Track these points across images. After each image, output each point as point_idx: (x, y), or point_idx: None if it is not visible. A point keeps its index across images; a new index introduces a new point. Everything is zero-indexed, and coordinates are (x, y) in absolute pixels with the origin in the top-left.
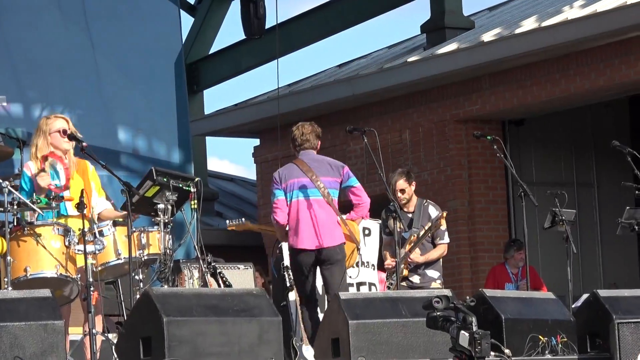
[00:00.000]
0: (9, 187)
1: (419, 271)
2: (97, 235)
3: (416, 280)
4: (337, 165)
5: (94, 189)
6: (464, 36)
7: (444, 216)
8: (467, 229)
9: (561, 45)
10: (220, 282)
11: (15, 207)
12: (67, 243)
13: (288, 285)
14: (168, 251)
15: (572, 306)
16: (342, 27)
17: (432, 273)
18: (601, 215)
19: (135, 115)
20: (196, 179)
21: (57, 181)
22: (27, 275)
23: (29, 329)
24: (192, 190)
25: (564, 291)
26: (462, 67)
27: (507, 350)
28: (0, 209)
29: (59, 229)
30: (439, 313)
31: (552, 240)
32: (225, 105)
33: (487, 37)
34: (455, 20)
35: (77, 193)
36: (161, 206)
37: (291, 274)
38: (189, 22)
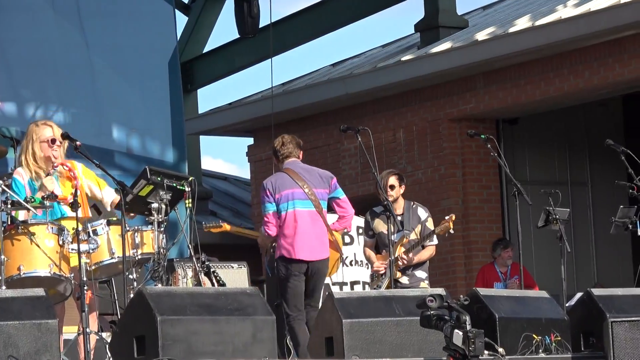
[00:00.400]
0: (2, 186)
1: (408, 272)
2: (91, 234)
3: (405, 281)
4: (326, 176)
5: (93, 184)
6: (457, 35)
7: (452, 218)
8: (461, 227)
9: (555, 44)
10: (214, 281)
11: (9, 206)
12: (61, 242)
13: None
14: (162, 250)
15: (566, 305)
16: (336, 26)
17: (420, 274)
18: (595, 214)
19: (129, 114)
20: (190, 178)
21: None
22: (21, 274)
23: (23, 328)
24: (186, 189)
25: (558, 290)
26: (456, 66)
27: (500, 349)
28: None
29: (52, 227)
30: (432, 312)
31: (546, 239)
32: (219, 104)
33: (481, 36)
34: (449, 20)
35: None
36: (155, 205)
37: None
38: (183, 21)
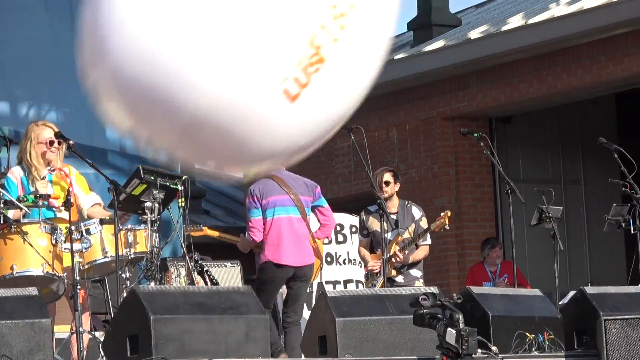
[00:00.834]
0: None
1: (402, 271)
2: (84, 233)
3: (399, 279)
4: (311, 185)
5: (81, 190)
6: (450, 33)
7: (448, 214)
8: (454, 226)
9: (548, 42)
10: (207, 280)
11: (1, 205)
12: (54, 241)
13: None
14: (155, 249)
15: (559, 303)
16: None
17: (415, 272)
18: (588, 212)
19: None
20: (183, 177)
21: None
22: (14, 273)
23: (16, 328)
24: (180, 188)
25: (551, 288)
26: (449, 65)
27: (494, 348)
28: None
29: (45, 227)
30: (425, 310)
31: (539, 237)
32: None
33: (474, 34)
34: (442, 18)
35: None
36: (148, 204)
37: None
38: None
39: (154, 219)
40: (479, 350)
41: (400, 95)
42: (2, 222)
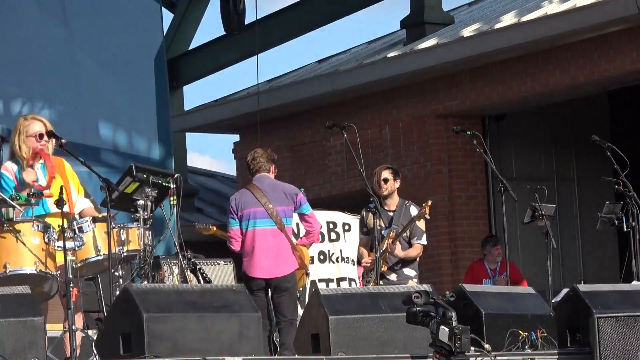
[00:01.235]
0: None
1: (396, 269)
2: (77, 231)
3: (393, 278)
4: (291, 193)
5: (73, 187)
6: (443, 31)
7: (428, 205)
8: (447, 224)
9: (541, 40)
10: (200, 278)
11: None
12: (46, 239)
13: None
14: (148, 247)
15: (552, 301)
16: (322, 22)
17: (409, 272)
18: (581, 210)
19: (115, 111)
20: (176, 175)
21: (41, 180)
22: (7, 271)
23: (9, 326)
24: (172, 186)
25: (544, 286)
26: (442, 63)
27: (487, 345)
28: None
29: (38, 225)
30: (418, 308)
31: (532, 235)
32: (205, 101)
33: (467, 32)
34: (435, 16)
35: (57, 190)
36: (141, 202)
37: None
38: (168, 18)
39: (146, 217)
40: (472, 348)
41: (393, 93)
42: None
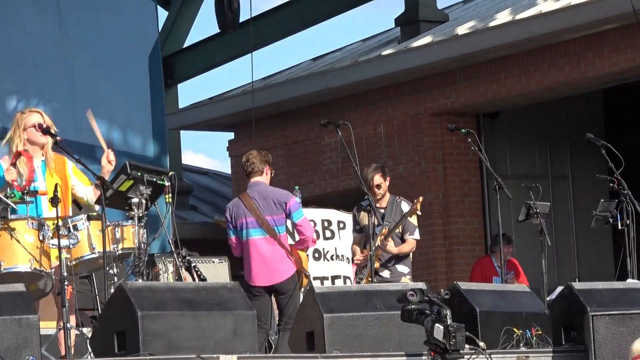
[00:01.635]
0: None
1: (389, 266)
2: (71, 229)
3: (386, 275)
4: (281, 201)
5: (80, 181)
6: (438, 29)
7: (420, 201)
8: (442, 222)
9: (535, 38)
10: (194, 276)
11: None
12: (41, 237)
13: None
14: (142, 245)
15: (547, 299)
16: (317, 20)
17: (402, 268)
18: (576, 208)
19: (110, 109)
20: (170, 173)
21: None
22: (1, 269)
23: (3, 324)
24: (167, 184)
25: (539, 284)
26: (437, 60)
27: (481, 343)
28: None
29: (33, 223)
30: (413, 306)
31: (527, 233)
32: (199, 99)
33: (462, 30)
34: (430, 14)
35: (52, 188)
36: (135, 200)
37: None
38: (163, 15)
39: (141, 214)
40: (467, 346)
41: (388, 91)
42: None
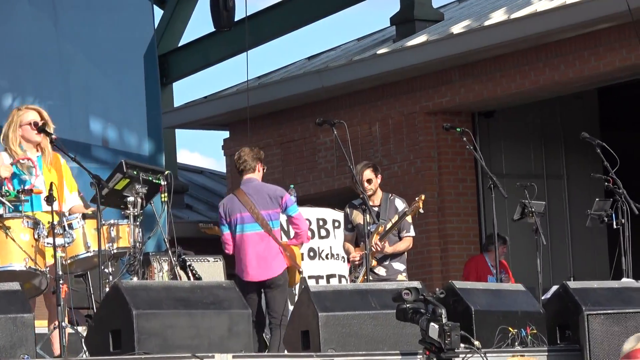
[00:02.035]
0: None
1: (385, 263)
2: (67, 228)
3: (382, 272)
4: (276, 195)
5: (66, 186)
6: (433, 28)
7: (422, 199)
8: (437, 221)
9: (530, 37)
10: (189, 274)
11: None
12: (36, 236)
13: None
14: (138, 244)
15: (542, 298)
16: (312, 19)
17: (398, 266)
18: (571, 207)
19: (106, 107)
20: (166, 172)
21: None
22: None
23: None
24: (162, 183)
25: (534, 283)
26: (432, 59)
27: (476, 342)
28: None
29: (28, 221)
30: (408, 305)
31: (522, 232)
32: (194, 97)
33: (457, 29)
34: (425, 13)
35: (48, 186)
36: (131, 199)
37: None
38: (158, 14)
39: (136, 213)
40: (462, 345)
41: (383, 90)
42: None
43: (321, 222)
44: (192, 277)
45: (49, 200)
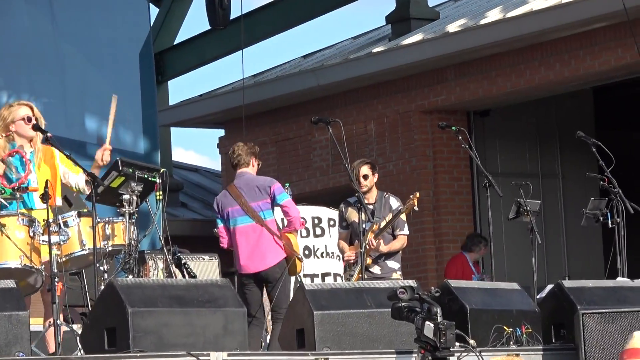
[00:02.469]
0: None
1: (380, 262)
2: (62, 225)
3: (377, 271)
4: (264, 186)
5: (68, 169)
6: (429, 27)
7: (416, 196)
8: (432, 219)
9: (526, 36)
10: (185, 272)
11: None
12: (31, 233)
13: None
14: (133, 242)
15: (537, 297)
16: (307, 17)
17: (393, 264)
18: (566, 206)
19: (101, 105)
20: (162, 170)
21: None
22: None
23: None
24: (158, 181)
25: (529, 282)
26: (427, 58)
27: (471, 341)
28: None
29: (23, 219)
30: (403, 304)
31: (517, 231)
32: (190, 95)
33: (452, 27)
34: (420, 11)
35: (43, 183)
36: (126, 197)
37: None
38: (154, 12)
39: (132, 211)
40: (457, 344)
41: (379, 89)
42: None
43: (316, 221)
44: (187, 275)
45: (44, 198)
